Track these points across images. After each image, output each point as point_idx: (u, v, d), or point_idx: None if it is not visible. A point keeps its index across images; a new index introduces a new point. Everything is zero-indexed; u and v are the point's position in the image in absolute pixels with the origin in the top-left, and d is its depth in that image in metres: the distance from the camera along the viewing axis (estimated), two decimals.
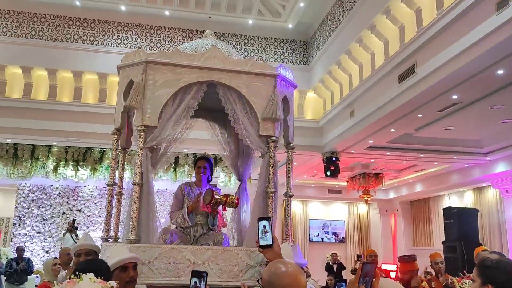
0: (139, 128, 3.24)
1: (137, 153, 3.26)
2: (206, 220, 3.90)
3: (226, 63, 3.38)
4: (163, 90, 3.28)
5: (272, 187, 3.37)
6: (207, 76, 3.35)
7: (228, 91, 3.40)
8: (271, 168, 3.38)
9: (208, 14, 9.86)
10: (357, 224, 17.01)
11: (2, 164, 11.22)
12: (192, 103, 3.37)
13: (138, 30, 10.13)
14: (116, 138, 3.60)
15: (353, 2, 8.21)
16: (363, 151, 10.40)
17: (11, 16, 9.65)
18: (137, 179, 3.23)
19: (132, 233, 3.12)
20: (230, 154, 4.15)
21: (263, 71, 3.45)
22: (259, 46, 10.45)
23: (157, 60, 3.31)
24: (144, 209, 3.23)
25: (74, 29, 9.90)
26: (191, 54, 3.46)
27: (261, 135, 3.38)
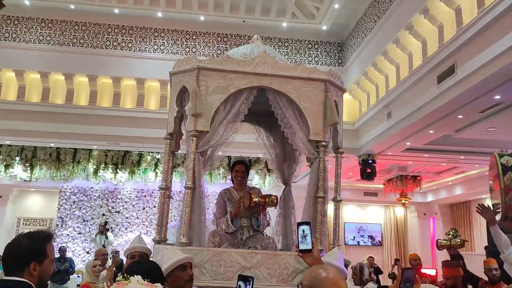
0: (192, 133, 3.30)
1: (189, 157, 3.32)
2: (251, 222, 3.92)
3: (276, 68, 3.41)
4: (215, 95, 3.34)
5: (322, 192, 3.38)
6: (257, 81, 3.39)
7: (278, 96, 3.42)
8: (320, 173, 3.38)
9: (242, 18, 9.94)
10: (394, 227, 16.67)
11: (45, 167, 11.68)
12: (243, 108, 3.41)
13: (174, 35, 10.32)
14: (169, 142, 3.68)
15: (390, 2, 8.08)
16: (400, 153, 10.20)
17: (54, 25, 10.04)
18: (189, 183, 3.28)
19: (184, 236, 3.20)
20: (276, 157, 4.14)
21: (312, 76, 3.46)
22: (293, 48, 10.44)
23: (209, 66, 3.38)
24: (195, 213, 3.28)
25: (113, 36, 10.20)
26: (241, 60, 3.49)
27: (310, 140, 3.38)
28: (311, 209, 3.37)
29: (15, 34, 9.90)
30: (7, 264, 2.20)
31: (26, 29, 9.94)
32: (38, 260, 2.20)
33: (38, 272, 2.17)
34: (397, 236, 16.59)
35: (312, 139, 3.37)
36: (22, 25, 9.93)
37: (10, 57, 9.66)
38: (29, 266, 2.16)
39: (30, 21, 9.97)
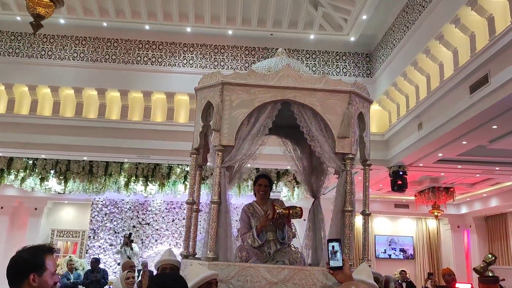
0: (217, 147, 3.32)
1: (215, 172, 3.33)
2: (276, 236, 3.90)
3: (299, 81, 3.40)
4: (239, 110, 3.35)
5: (349, 205, 3.32)
6: (281, 95, 3.38)
7: (302, 109, 3.40)
8: (348, 186, 3.33)
9: (270, 31, 10.01)
10: (426, 240, 16.25)
11: (79, 180, 11.98)
12: (267, 122, 3.40)
13: (202, 50, 10.49)
14: (195, 157, 3.72)
15: (419, 12, 8.00)
16: (432, 164, 9.98)
17: (87, 42, 10.37)
18: (215, 198, 3.30)
19: (211, 251, 3.20)
20: (303, 170, 4.11)
21: (337, 88, 3.43)
22: (321, 60, 10.43)
23: (233, 81, 3.40)
24: (222, 227, 3.28)
25: (143, 52, 10.45)
26: (265, 74, 3.49)
27: (337, 153, 3.34)
28: (338, 223, 3.32)
29: (51, 52, 10.27)
30: (9, 275, 2.33)
31: (61, 47, 10.30)
32: (37, 272, 2.31)
33: (37, 284, 2.27)
34: (430, 249, 16.16)
35: (339, 151, 3.33)
36: (58, 43, 10.29)
37: (46, 74, 10.01)
38: (28, 278, 2.27)
39: (65, 39, 10.33)
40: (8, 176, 11.80)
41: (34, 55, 10.20)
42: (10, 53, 10.15)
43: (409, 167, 10.16)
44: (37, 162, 11.74)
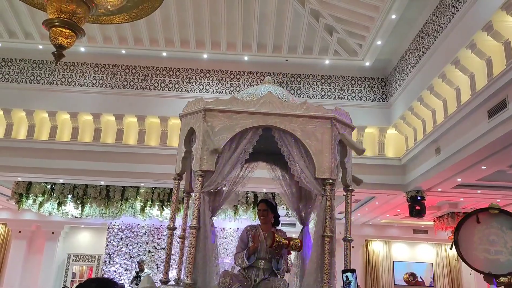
0: (197, 172, 3.38)
1: (195, 197, 3.39)
2: (270, 265, 3.90)
3: (280, 107, 3.49)
4: (221, 135, 3.43)
5: (329, 231, 3.31)
6: (263, 121, 3.47)
7: (283, 134, 3.47)
8: (328, 211, 3.33)
9: (285, 57, 10.12)
10: (446, 267, 15.83)
11: (95, 204, 12.07)
12: (248, 147, 3.48)
13: (219, 75, 10.63)
14: (176, 183, 3.77)
15: (434, 38, 8.01)
16: (451, 189, 9.81)
17: (106, 69, 10.60)
18: (194, 223, 3.32)
19: (188, 276, 3.20)
20: (291, 197, 4.10)
21: (317, 114, 3.51)
22: (336, 85, 10.47)
23: (215, 107, 3.50)
24: (201, 253, 3.29)
25: (160, 78, 10.63)
26: (246, 101, 3.60)
27: (317, 178, 3.37)
28: (319, 249, 3.31)
29: (71, 78, 10.52)
30: None
31: (81, 74, 10.55)
32: None
33: None
34: (451, 275, 15.73)
35: (319, 177, 3.36)
36: (77, 70, 10.55)
37: (65, 100, 10.22)
38: None
39: (84, 66, 10.59)
40: (27, 201, 11.95)
41: (54, 82, 10.45)
42: (32, 80, 10.43)
43: (427, 192, 10.00)
44: (55, 186, 11.88)
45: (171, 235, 3.73)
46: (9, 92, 10.24)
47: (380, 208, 12.15)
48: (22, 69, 10.49)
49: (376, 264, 15.65)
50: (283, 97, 3.77)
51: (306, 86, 10.46)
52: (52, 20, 4.78)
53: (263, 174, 4.36)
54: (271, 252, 3.85)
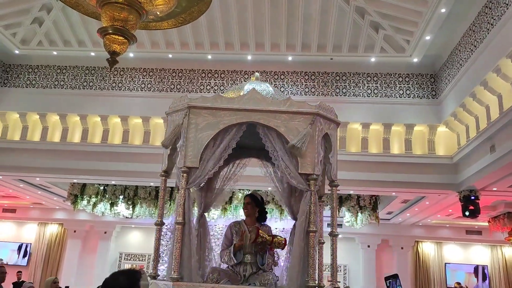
0: (182, 169, 3.45)
1: (179, 193, 3.46)
2: (256, 259, 3.91)
3: (264, 104, 3.54)
4: (204, 132, 3.50)
5: (313, 226, 3.33)
6: (246, 117, 3.53)
7: (267, 130, 3.53)
8: (312, 206, 3.37)
9: (330, 55, 10.03)
10: (503, 269, 15.12)
11: (145, 204, 12.43)
12: (232, 143, 3.55)
13: (263, 76, 10.65)
14: (163, 179, 3.85)
15: (487, 31, 7.68)
16: (507, 188, 9.37)
17: (154, 73, 10.91)
18: (180, 219, 3.40)
19: (175, 271, 3.28)
20: (283, 192, 4.06)
21: (300, 109, 3.55)
22: (383, 82, 10.26)
23: (199, 105, 3.57)
24: (186, 248, 3.38)
25: (206, 80, 10.81)
26: (231, 98, 3.66)
27: (300, 173, 3.40)
28: (302, 243, 3.35)
29: (121, 83, 10.90)
30: None
31: (130, 79, 10.90)
32: None
33: None
34: (507, 278, 15.01)
35: (302, 172, 3.40)
36: (127, 75, 10.91)
37: (116, 104, 10.59)
38: None
39: (133, 71, 10.94)
40: (81, 202, 12.49)
41: (106, 87, 10.87)
42: (85, 86, 10.89)
43: (481, 192, 9.59)
44: (107, 188, 12.35)
45: (159, 231, 3.76)
46: (64, 98, 10.74)
47: (431, 208, 11.78)
48: (76, 76, 10.97)
49: (427, 266, 15.18)
50: (268, 94, 3.82)
51: (352, 84, 10.32)
52: (106, 28, 4.97)
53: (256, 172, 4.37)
54: (255, 246, 3.89)
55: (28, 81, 11.03)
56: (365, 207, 11.51)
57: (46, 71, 11.05)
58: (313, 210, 3.37)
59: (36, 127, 10.89)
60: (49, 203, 14.85)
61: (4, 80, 11.05)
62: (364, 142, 10.07)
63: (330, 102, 10.17)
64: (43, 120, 10.74)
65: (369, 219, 11.82)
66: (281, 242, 3.79)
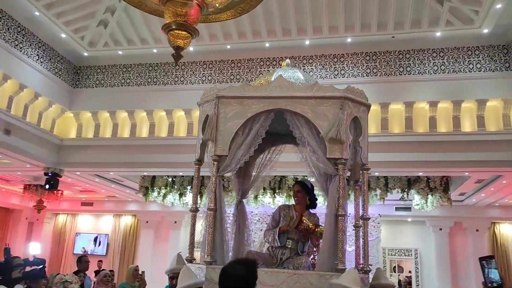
0: (212, 157, 3.58)
1: (211, 181, 3.58)
2: (297, 246, 3.96)
3: (291, 90, 3.56)
4: (233, 121, 3.58)
5: (342, 210, 3.36)
6: (274, 104, 3.57)
7: (295, 116, 3.55)
8: (340, 190, 3.38)
9: (391, 34, 9.67)
10: None
11: None
12: (261, 131, 3.60)
13: (321, 60, 10.51)
14: (197, 168, 3.93)
15: None
16: None
17: (213, 65, 11.09)
18: (211, 205, 3.55)
19: (208, 255, 3.45)
20: (319, 177, 3.96)
21: (327, 94, 3.53)
22: (450, 57, 9.73)
23: (227, 94, 3.66)
24: (218, 233, 3.52)
25: (264, 69, 10.83)
26: (258, 86, 3.76)
27: (329, 158, 3.42)
28: (331, 228, 3.38)
29: (183, 77, 11.20)
30: None
31: (191, 72, 11.17)
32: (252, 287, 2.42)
33: None
34: None
35: (329, 157, 3.41)
36: (188, 69, 11.18)
37: (180, 98, 10.86)
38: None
39: (194, 64, 11.19)
40: (152, 193, 13.05)
41: (169, 82, 11.21)
42: (149, 82, 11.31)
43: None
44: (176, 179, 12.80)
45: (194, 217, 3.88)
46: (131, 95, 11.22)
47: (509, 188, 11.10)
48: (140, 73, 11.41)
49: (505, 248, 14.38)
50: (297, 80, 3.84)
51: (416, 62, 9.89)
52: (169, 24, 5.10)
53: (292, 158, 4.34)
54: (299, 234, 3.94)
55: (97, 81, 11.64)
56: (435, 189, 11.07)
57: (113, 71, 11.59)
58: (341, 194, 3.38)
59: (107, 124, 11.49)
60: (122, 196, 15.67)
61: (76, 81, 11.73)
62: (432, 121, 9.66)
63: (393, 82, 9.95)
64: (113, 117, 11.30)
65: (441, 201, 11.36)
66: (322, 232, 3.75)
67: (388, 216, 14.39)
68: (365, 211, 3.67)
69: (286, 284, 3.20)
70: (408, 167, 9.88)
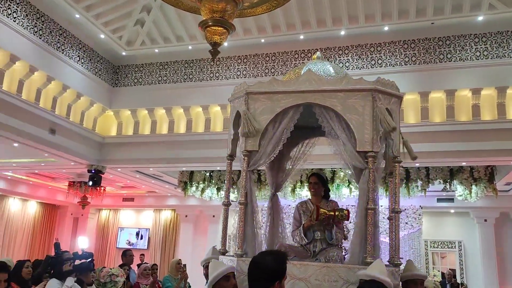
0: (243, 153, 3.63)
1: (241, 176, 3.62)
2: (324, 235, 3.98)
3: (319, 83, 3.55)
4: (262, 116, 3.61)
5: (372, 203, 3.33)
6: (302, 99, 3.57)
7: (324, 110, 3.54)
8: (370, 184, 3.36)
9: (430, 20, 9.38)
10: None
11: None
12: (290, 125, 3.61)
13: (358, 50, 10.33)
14: (229, 163, 3.99)
15: None
16: None
17: (248, 60, 11.11)
18: (242, 199, 3.58)
19: (239, 248, 3.51)
20: (354, 169, 3.90)
21: (357, 87, 3.50)
22: (494, 42, 9.34)
23: (255, 90, 3.69)
24: (249, 226, 3.56)
25: (299, 61, 10.74)
26: (286, 81, 3.76)
27: (359, 151, 3.40)
28: (362, 221, 3.36)
29: (218, 73, 11.28)
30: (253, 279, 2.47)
31: (226, 67, 11.22)
32: (281, 279, 2.46)
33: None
34: None
35: (360, 150, 3.39)
36: (223, 64, 11.25)
37: (216, 94, 10.93)
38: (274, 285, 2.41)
39: (228, 59, 11.23)
40: (190, 188, 13.27)
41: (204, 78, 11.32)
42: (185, 79, 11.45)
43: None
44: (213, 174, 12.95)
45: (227, 210, 3.92)
46: (168, 92, 11.41)
47: None
48: (176, 70, 11.58)
49: None
50: (327, 73, 3.84)
51: (457, 48, 9.56)
52: (206, 20, 5.13)
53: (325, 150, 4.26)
54: (321, 224, 3.98)
55: (136, 80, 11.89)
56: (480, 179, 10.71)
57: (150, 69, 11.81)
58: (371, 187, 3.36)
59: (145, 121, 11.74)
60: (162, 191, 16.02)
61: (115, 81, 12.03)
62: (476, 109, 9.33)
63: (433, 69, 9.68)
64: (151, 115, 11.54)
65: (485, 191, 10.99)
66: (344, 215, 3.86)
67: (430, 208, 14.07)
68: (396, 204, 3.64)
69: (314, 276, 3.22)
70: (450, 157, 9.59)
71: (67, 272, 4.77)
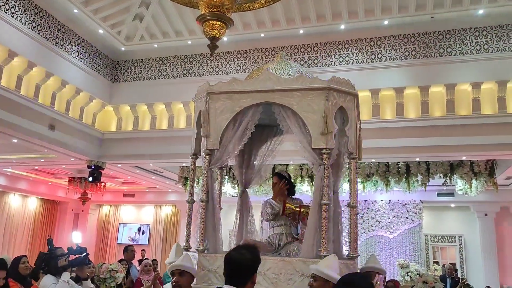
0: (204, 151, 3.75)
1: (203, 173, 3.71)
2: (290, 230, 4.09)
3: (277, 83, 3.67)
4: (223, 116, 3.71)
5: (326, 198, 3.45)
6: (261, 98, 3.69)
7: (282, 108, 3.67)
8: (325, 179, 3.47)
9: (430, 14, 9.33)
10: None
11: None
12: (250, 124, 3.72)
13: (357, 45, 10.28)
14: (193, 161, 4.11)
15: None
16: None
17: (248, 54, 11.07)
18: (204, 197, 3.69)
19: (200, 244, 3.61)
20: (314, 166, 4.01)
21: (312, 85, 3.62)
22: (494, 36, 9.30)
23: (216, 90, 3.79)
24: (210, 223, 3.67)
25: (299, 56, 10.71)
26: (246, 81, 3.87)
27: (314, 148, 3.51)
28: (316, 216, 3.46)
29: (218, 68, 11.24)
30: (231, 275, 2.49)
31: (226, 62, 11.19)
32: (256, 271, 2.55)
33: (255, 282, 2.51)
34: None
35: (315, 147, 3.50)
36: (223, 59, 11.21)
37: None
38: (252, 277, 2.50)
39: (228, 54, 11.20)
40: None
41: (204, 73, 11.28)
42: (185, 74, 11.42)
43: None
44: None
45: (190, 208, 4.00)
46: (167, 87, 11.38)
47: None
48: (176, 65, 11.54)
49: None
50: (287, 73, 3.95)
51: (457, 42, 9.51)
52: (204, 15, 5.12)
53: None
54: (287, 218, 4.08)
55: (135, 75, 11.87)
56: (480, 173, 10.69)
57: (150, 64, 11.78)
58: (325, 183, 3.47)
59: (145, 117, 11.72)
60: (162, 187, 16.02)
61: (114, 76, 12.00)
62: (476, 103, 9.30)
63: (433, 63, 9.65)
64: (151, 110, 11.52)
65: (486, 185, 10.97)
66: (309, 212, 3.92)
67: (430, 202, 14.07)
68: (352, 199, 3.73)
69: (271, 270, 3.35)
70: (450, 151, 9.57)
71: (62, 267, 4.79)
